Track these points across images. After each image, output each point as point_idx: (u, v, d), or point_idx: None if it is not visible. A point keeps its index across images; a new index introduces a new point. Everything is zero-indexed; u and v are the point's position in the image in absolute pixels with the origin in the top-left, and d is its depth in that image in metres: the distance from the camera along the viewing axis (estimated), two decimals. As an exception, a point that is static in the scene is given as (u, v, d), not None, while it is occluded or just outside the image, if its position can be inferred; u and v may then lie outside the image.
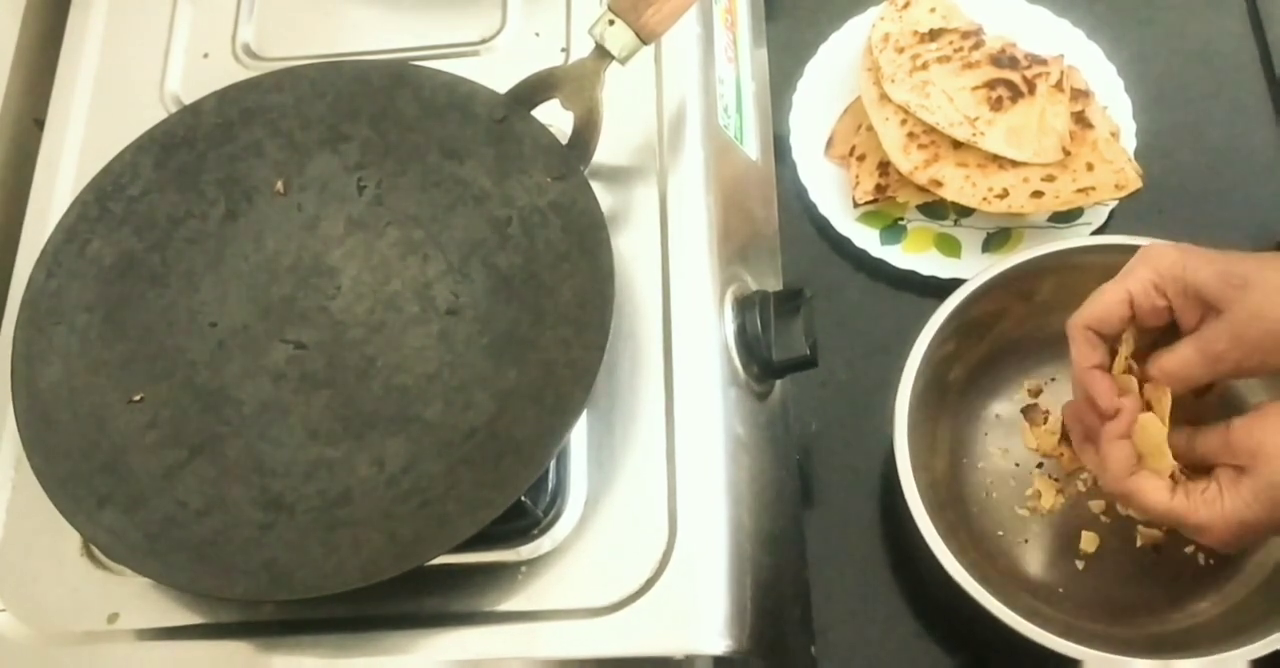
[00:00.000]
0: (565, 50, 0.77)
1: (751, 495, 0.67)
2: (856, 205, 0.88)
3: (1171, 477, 0.64)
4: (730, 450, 0.66)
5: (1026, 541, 0.78)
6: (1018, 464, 0.79)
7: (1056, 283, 0.78)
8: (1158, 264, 0.64)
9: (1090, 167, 0.84)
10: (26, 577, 0.68)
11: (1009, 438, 0.80)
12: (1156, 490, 0.63)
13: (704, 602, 0.62)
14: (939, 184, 0.84)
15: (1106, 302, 0.65)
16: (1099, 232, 0.86)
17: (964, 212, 0.87)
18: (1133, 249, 0.66)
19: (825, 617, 0.77)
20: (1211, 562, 0.76)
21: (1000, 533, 0.78)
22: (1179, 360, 0.64)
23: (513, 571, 0.64)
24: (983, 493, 0.79)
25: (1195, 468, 0.64)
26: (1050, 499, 0.77)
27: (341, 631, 0.64)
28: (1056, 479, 0.78)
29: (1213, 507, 0.62)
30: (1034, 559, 0.77)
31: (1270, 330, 0.61)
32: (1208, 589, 0.75)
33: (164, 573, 0.63)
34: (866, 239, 0.87)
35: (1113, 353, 0.66)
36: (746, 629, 0.63)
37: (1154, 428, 0.64)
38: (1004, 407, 0.81)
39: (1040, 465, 0.79)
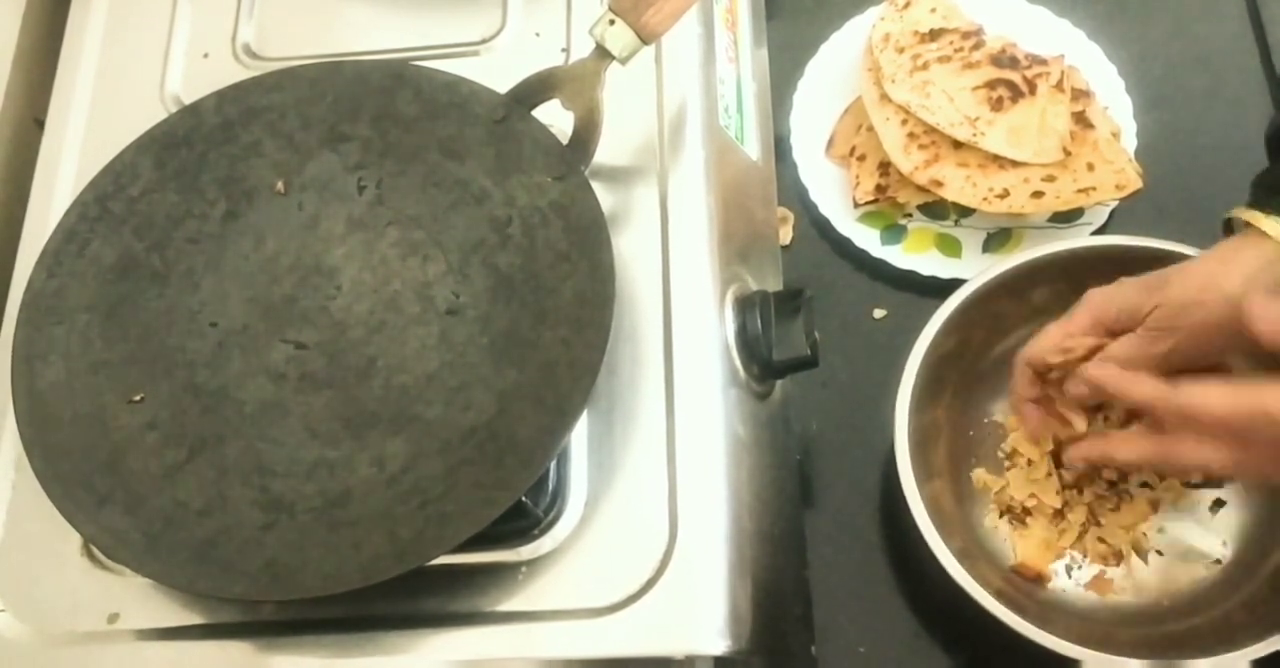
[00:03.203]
0: (565, 50, 0.77)
1: (752, 496, 0.67)
2: (857, 205, 0.88)
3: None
4: (731, 450, 0.66)
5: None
6: (1019, 464, 0.79)
7: (1057, 283, 0.78)
8: (1091, 303, 0.69)
9: (1091, 167, 0.84)
10: (26, 577, 0.68)
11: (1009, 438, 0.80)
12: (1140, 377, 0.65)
13: (704, 602, 0.62)
14: (939, 184, 0.84)
15: (1050, 341, 0.69)
16: (1099, 232, 0.86)
17: (964, 212, 0.87)
18: (1133, 249, 0.66)
19: (825, 617, 0.77)
20: (1215, 562, 0.76)
21: (1001, 533, 0.78)
22: (1125, 344, 0.67)
23: (513, 571, 0.64)
24: (983, 493, 0.79)
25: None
26: (1051, 499, 0.77)
27: (341, 631, 0.64)
28: (1058, 479, 0.78)
29: (1209, 391, 0.61)
30: (1034, 559, 0.77)
31: (1203, 317, 0.64)
32: (1209, 589, 0.75)
33: (164, 573, 0.63)
34: (867, 239, 0.87)
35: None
36: (746, 629, 0.63)
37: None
38: (1004, 407, 0.81)
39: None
